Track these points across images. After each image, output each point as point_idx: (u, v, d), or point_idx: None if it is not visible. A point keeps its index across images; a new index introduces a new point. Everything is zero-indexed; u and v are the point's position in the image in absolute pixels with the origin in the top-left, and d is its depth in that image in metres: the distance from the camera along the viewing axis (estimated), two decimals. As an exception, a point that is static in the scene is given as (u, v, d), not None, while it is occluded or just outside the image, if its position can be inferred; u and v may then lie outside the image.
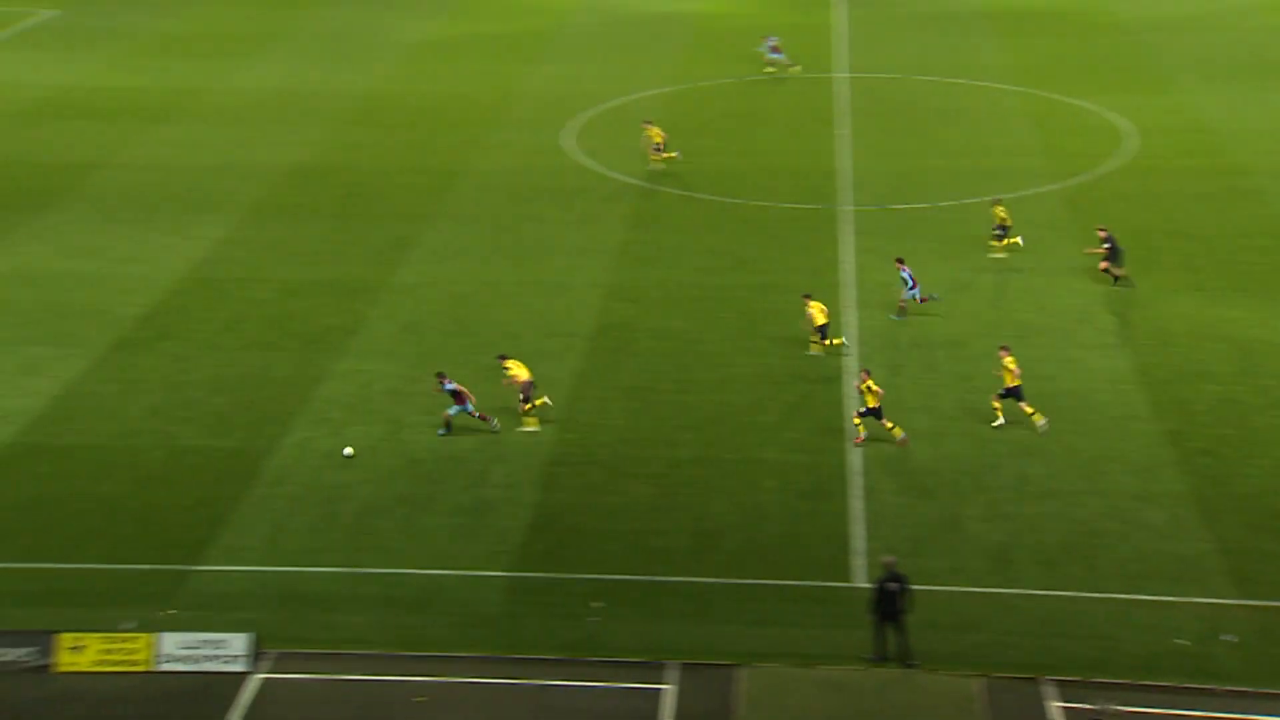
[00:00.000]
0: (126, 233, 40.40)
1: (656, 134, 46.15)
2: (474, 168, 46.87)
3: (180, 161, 46.77)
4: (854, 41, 62.73)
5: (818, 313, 33.07)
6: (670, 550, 26.24)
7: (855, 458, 29.09)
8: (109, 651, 22.63)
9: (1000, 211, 39.09)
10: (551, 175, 46.19)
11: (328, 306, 36.26)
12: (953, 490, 27.94)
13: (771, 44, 58.07)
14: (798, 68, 57.52)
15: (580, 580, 25.19)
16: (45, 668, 22.52)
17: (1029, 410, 29.92)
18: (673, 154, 46.05)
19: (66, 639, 22.68)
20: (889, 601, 22.87)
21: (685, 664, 23.04)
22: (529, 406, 30.18)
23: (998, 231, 38.83)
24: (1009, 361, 30.03)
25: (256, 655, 22.87)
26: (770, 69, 57.53)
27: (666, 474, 28.79)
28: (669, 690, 22.47)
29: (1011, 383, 29.99)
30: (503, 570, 25.50)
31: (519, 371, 30.42)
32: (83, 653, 22.61)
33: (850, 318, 35.36)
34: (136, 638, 22.80)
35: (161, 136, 49.19)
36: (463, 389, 29.85)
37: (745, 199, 44.17)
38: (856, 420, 29.55)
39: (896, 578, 23.03)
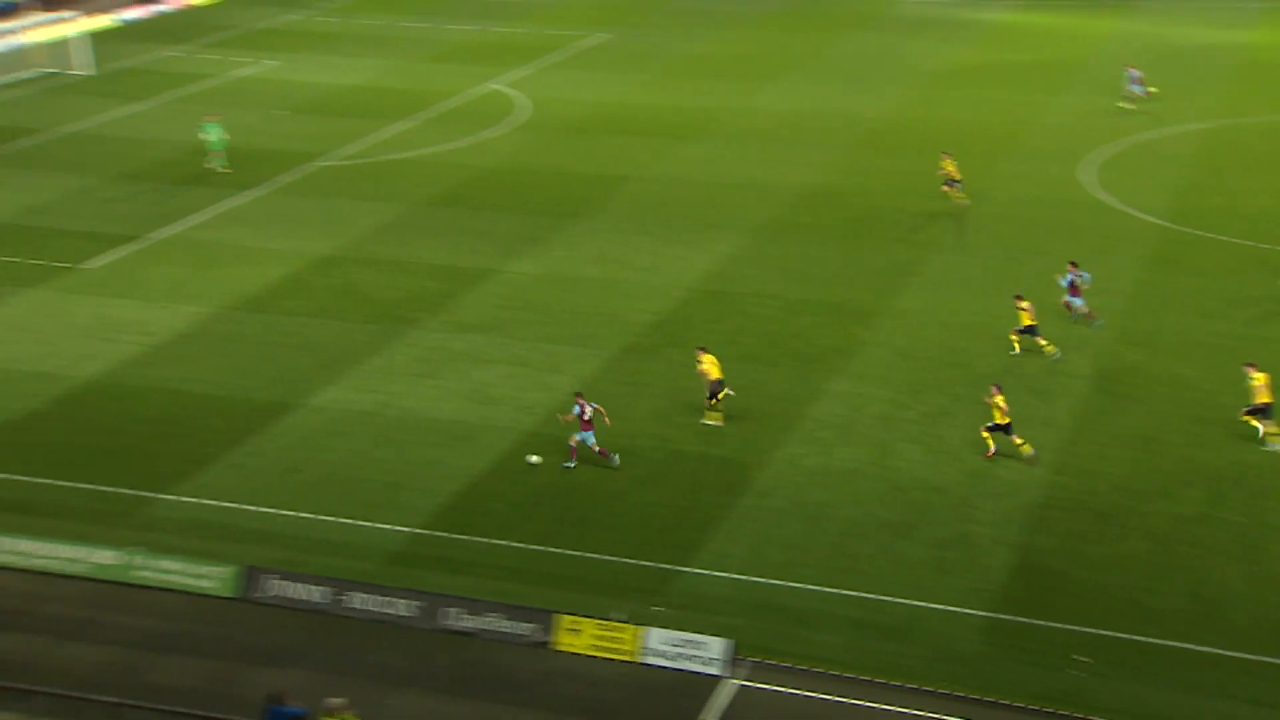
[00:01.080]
0: (646, 244, 42.59)
1: (951, 167, 44.46)
2: (985, 197, 45.86)
3: (701, 178, 48.80)
4: None
5: (1025, 315, 34.14)
6: (1165, 612, 24.50)
7: (1390, 538, 25.98)
8: (600, 638, 23.89)
9: None
10: (1066, 209, 44.43)
11: (826, 327, 36.63)
12: None
13: (1135, 76, 53.99)
14: (1154, 89, 53.58)
15: (1064, 630, 24.01)
16: (545, 644, 24.08)
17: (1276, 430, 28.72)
18: (961, 197, 44.47)
19: (566, 620, 24.15)
20: None
21: (1173, 737, 21.45)
22: (714, 402, 31.02)
23: None
24: (1258, 379, 29.00)
25: (733, 661, 23.40)
26: (1125, 104, 53.53)
27: (1166, 531, 26.92)
28: (1151, 762, 20.98)
29: (1262, 400, 28.99)
30: (982, 609, 24.73)
31: (710, 369, 31.11)
32: (578, 635, 23.99)
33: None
34: (625, 628, 23.93)
35: (686, 154, 51.54)
36: (591, 421, 29.19)
37: (1281, 244, 40.62)
38: (985, 434, 29.54)
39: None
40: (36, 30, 63.65)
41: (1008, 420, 29.47)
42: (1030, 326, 34.14)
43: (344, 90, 60.02)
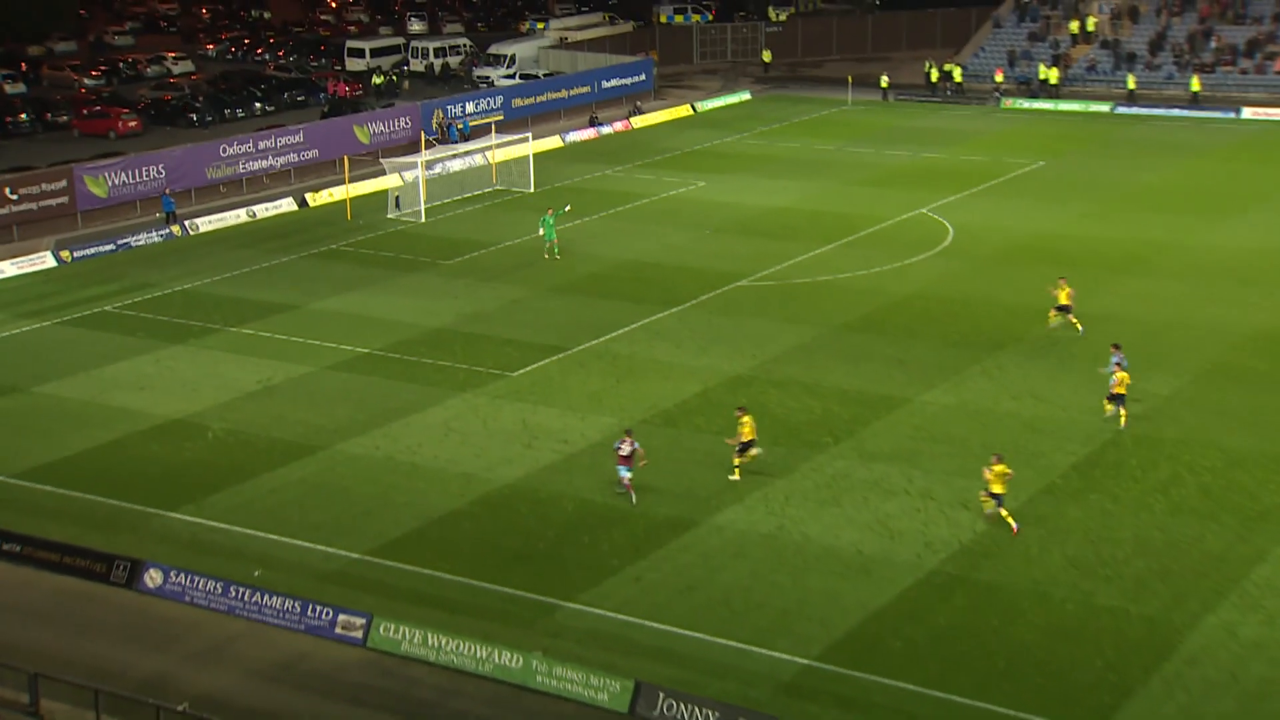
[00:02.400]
0: (1072, 380, 41.00)
1: (1064, 293, 44.24)
2: None
3: (1137, 314, 46.70)
4: None
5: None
6: None
7: None
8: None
9: None
10: None
11: (1275, 483, 33.91)
12: None
13: None
14: None
15: None
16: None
17: None
18: (1076, 323, 44.18)
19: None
20: None
21: None
22: (741, 459, 34.45)
23: None
24: None
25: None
26: None
27: None
28: None
29: None
30: None
31: (745, 430, 34.43)
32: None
33: None
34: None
35: (1123, 288, 49.52)
36: (629, 457, 33.35)
37: None
38: (983, 498, 32.40)
39: None
40: (495, 151, 69.40)
41: (1003, 491, 32.03)
42: (1119, 395, 37.33)
43: (769, 212, 61.71)
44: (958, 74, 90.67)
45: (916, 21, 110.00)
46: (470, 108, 79.71)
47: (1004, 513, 31.99)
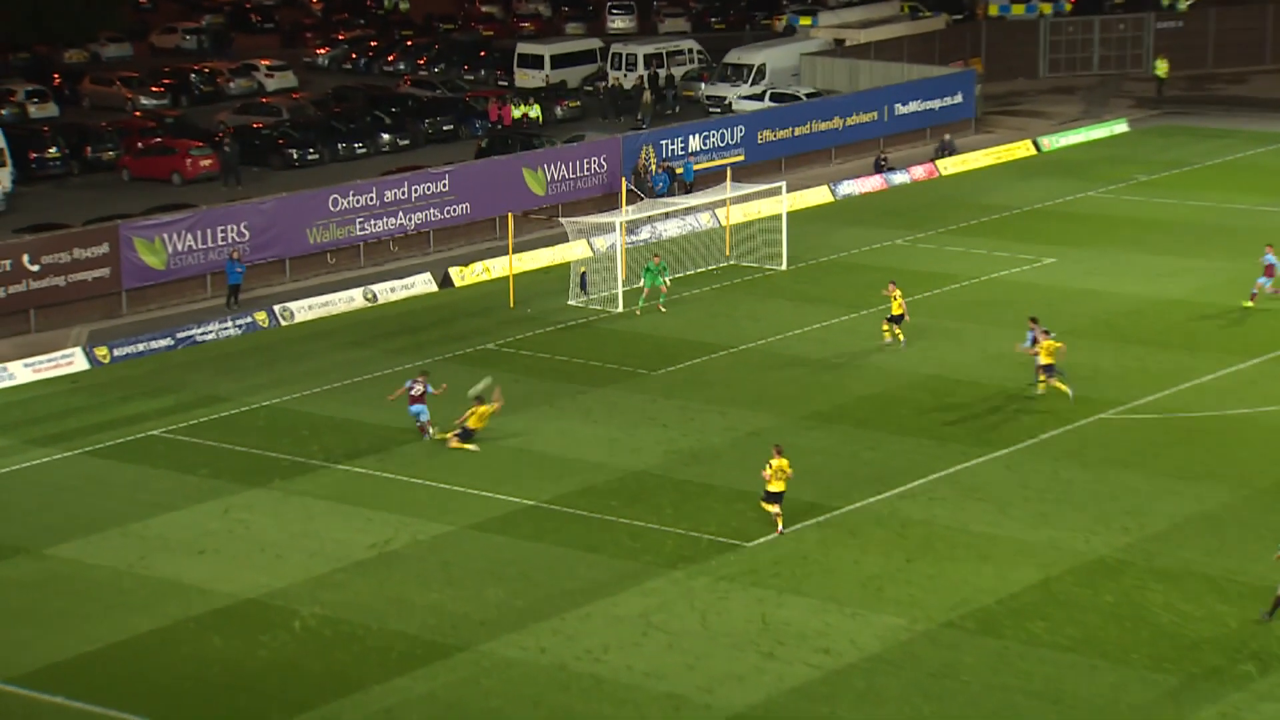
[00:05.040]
0: None
1: (896, 301, 56.17)
2: None
3: None
4: None
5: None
6: None
7: None
8: None
9: None
10: None
11: None
12: None
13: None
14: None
15: None
16: None
17: None
18: (900, 335, 56.07)
19: None
20: None
21: None
22: (457, 434, 49.04)
23: None
24: None
25: None
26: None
27: None
28: None
29: None
30: None
31: (474, 419, 48.49)
32: None
33: None
34: None
35: None
36: (422, 397, 49.12)
37: None
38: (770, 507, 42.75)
39: None
40: (730, 208, 70.22)
41: (782, 488, 42.36)
42: (1048, 366, 50.96)
43: (1154, 306, 61.09)
44: None
45: None
46: (695, 143, 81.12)
47: (773, 510, 42.31)
